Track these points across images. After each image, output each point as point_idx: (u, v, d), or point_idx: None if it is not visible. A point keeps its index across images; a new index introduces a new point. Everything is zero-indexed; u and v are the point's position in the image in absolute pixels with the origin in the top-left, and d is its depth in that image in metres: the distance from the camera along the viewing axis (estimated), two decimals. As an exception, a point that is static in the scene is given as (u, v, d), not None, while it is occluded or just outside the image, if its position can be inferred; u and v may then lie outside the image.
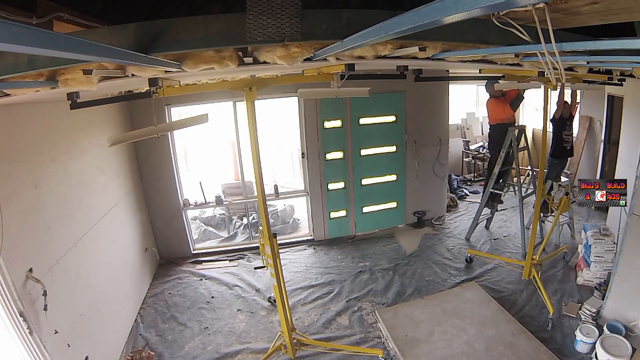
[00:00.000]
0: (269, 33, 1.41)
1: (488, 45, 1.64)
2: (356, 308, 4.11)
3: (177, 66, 1.54)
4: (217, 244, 5.79)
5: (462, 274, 4.64)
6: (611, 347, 3.01)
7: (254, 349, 3.60)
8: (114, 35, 1.40)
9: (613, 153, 5.48)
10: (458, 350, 3.32)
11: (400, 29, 0.89)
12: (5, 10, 1.55)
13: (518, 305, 3.95)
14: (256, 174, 2.81)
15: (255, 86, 2.63)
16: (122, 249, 4.10)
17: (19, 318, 2.26)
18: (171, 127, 3.57)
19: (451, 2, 0.65)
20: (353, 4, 2.55)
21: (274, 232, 2.99)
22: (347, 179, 5.62)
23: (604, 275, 3.99)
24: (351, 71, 2.30)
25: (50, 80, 1.61)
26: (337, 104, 5.27)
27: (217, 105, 5.35)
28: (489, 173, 5.35)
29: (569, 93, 5.72)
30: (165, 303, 4.38)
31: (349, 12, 1.46)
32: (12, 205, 2.36)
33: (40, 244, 2.62)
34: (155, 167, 5.03)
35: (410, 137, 5.73)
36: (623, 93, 4.94)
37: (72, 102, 2.16)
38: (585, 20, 1.38)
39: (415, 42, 1.56)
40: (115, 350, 3.51)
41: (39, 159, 2.78)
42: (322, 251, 5.48)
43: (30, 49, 0.65)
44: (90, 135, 3.61)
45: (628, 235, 3.30)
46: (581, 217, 5.87)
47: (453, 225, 6.02)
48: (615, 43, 1.18)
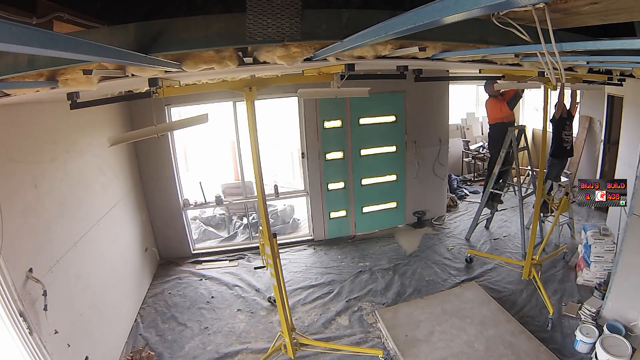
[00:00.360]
0: (268, 33, 1.41)
1: (488, 45, 1.64)
2: (356, 308, 4.11)
3: (177, 66, 1.54)
4: (217, 244, 5.79)
5: (462, 274, 4.64)
6: (611, 347, 3.01)
7: (254, 349, 3.60)
8: (114, 35, 1.40)
9: (613, 153, 5.48)
10: (458, 350, 3.32)
11: (400, 29, 0.89)
12: (5, 11, 1.55)
13: (518, 305, 3.95)
14: (256, 174, 2.81)
15: (255, 86, 2.63)
16: (122, 249, 4.10)
17: (19, 318, 2.26)
18: (171, 127, 3.57)
19: (451, 2, 0.65)
20: (353, 4, 2.55)
21: (274, 232, 2.99)
22: (347, 179, 5.62)
23: (603, 275, 3.99)
24: (351, 71, 2.30)
25: (50, 80, 1.61)
26: (337, 104, 5.27)
27: (217, 105, 5.35)
28: (489, 173, 5.35)
29: (569, 93, 5.73)
30: (165, 303, 4.38)
31: (348, 12, 1.46)
32: (12, 205, 2.36)
33: (40, 244, 2.62)
34: (155, 167, 5.03)
35: (410, 137, 5.74)
36: (623, 93, 4.94)
37: (72, 102, 2.16)
38: (585, 20, 1.38)
39: (415, 42, 1.56)
40: (115, 350, 3.51)
41: (39, 159, 2.77)
42: (322, 251, 5.48)
43: (30, 49, 0.65)
44: (90, 135, 3.61)
45: (628, 235, 3.30)
46: (581, 217, 5.87)
47: (453, 225, 6.02)
48: (615, 43, 1.18)
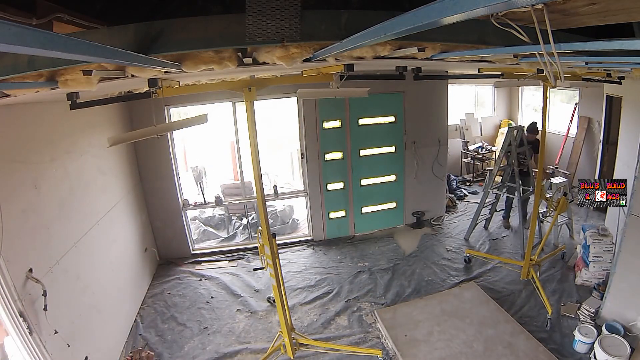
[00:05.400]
0: (268, 34, 1.41)
1: (487, 45, 1.64)
2: (355, 308, 4.12)
3: (177, 67, 1.54)
4: (217, 244, 5.79)
5: (461, 274, 4.64)
6: (610, 347, 3.02)
7: (254, 349, 3.60)
8: (114, 35, 1.40)
9: (612, 153, 5.49)
10: (457, 350, 3.32)
11: (399, 30, 0.89)
12: (5, 11, 1.55)
13: (517, 305, 3.95)
14: (255, 175, 2.81)
15: (254, 87, 2.63)
16: (122, 249, 4.10)
17: (19, 318, 2.26)
18: (171, 127, 3.58)
19: (450, 3, 0.66)
20: (352, 4, 2.55)
21: (273, 233, 3.00)
22: (346, 179, 5.63)
23: (602, 276, 4.00)
24: (350, 72, 2.30)
25: (50, 80, 1.61)
26: (337, 105, 5.28)
27: (217, 105, 5.36)
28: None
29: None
30: (165, 303, 4.38)
31: (348, 13, 1.46)
32: (12, 205, 2.36)
33: (40, 244, 2.62)
34: (154, 168, 5.03)
35: (410, 138, 5.74)
36: (622, 93, 4.95)
37: (72, 102, 2.16)
38: (584, 20, 1.38)
39: (415, 43, 1.57)
40: (115, 350, 3.51)
41: (39, 159, 2.78)
42: (322, 251, 5.48)
43: (30, 49, 0.65)
44: (90, 136, 3.61)
45: (627, 236, 3.30)
46: (580, 217, 5.88)
47: (452, 226, 6.03)
48: (613, 44, 1.19)
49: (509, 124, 8.36)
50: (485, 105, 9.03)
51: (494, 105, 8.75)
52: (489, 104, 8.88)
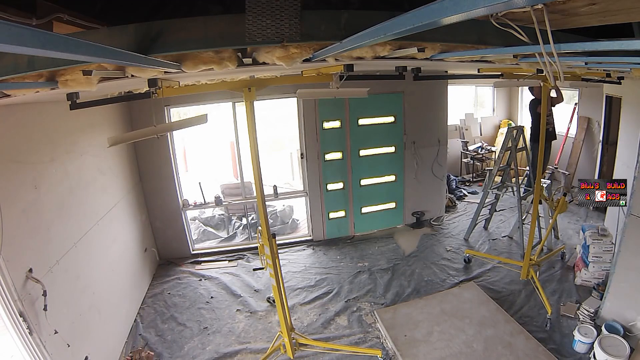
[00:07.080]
0: (268, 34, 1.41)
1: (487, 46, 1.65)
2: (355, 308, 4.12)
3: (177, 67, 1.54)
4: (217, 244, 5.79)
5: (460, 274, 4.64)
6: (609, 347, 3.02)
7: (253, 349, 3.60)
8: (114, 36, 1.41)
9: (611, 154, 5.49)
10: (457, 350, 3.32)
11: (399, 30, 0.89)
12: (5, 12, 1.55)
13: (516, 305, 3.95)
14: (255, 175, 2.81)
15: (254, 87, 2.64)
16: (122, 249, 4.10)
17: (19, 318, 2.26)
18: (170, 127, 3.58)
19: (450, 3, 0.66)
20: (352, 5, 2.55)
21: (273, 233, 3.00)
22: (346, 179, 5.63)
23: (602, 276, 4.00)
24: (350, 72, 2.30)
25: (50, 81, 1.61)
26: (336, 105, 5.28)
27: (217, 105, 5.37)
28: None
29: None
30: (165, 303, 4.38)
31: (347, 13, 1.47)
32: (12, 205, 2.36)
33: (40, 244, 2.62)
34: (154, 168, 5.03)
35: (409, 138, 5.74)
36: (621, 94, 4.95)
37: (72, 102, 2.16)
38: (583, 21, 1.38)
39: (414, 43, 1.57)
40: (115, 350, 3.51)
41: (39, 159, 2.78)
42: (321, 251, 5.48)
43: (30, 50, 0.65)
44: (90, 136, 3.61)
45: (626, 236, 3.30)
46: (579, 217, 5.89)
47: (452, 226, 6.03)
48: (613, 44, 1.19)
49: (509, 124, 8.36)
50: (484, 106, 9.04)
51: (494, 106, 8.75)
52: (489, 104, 8.89)
